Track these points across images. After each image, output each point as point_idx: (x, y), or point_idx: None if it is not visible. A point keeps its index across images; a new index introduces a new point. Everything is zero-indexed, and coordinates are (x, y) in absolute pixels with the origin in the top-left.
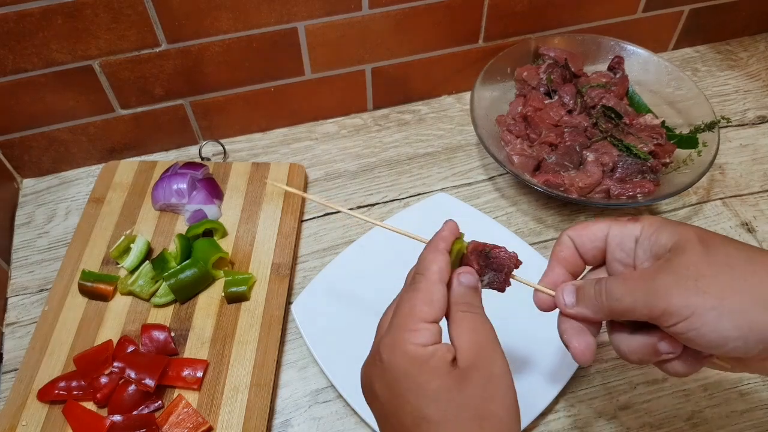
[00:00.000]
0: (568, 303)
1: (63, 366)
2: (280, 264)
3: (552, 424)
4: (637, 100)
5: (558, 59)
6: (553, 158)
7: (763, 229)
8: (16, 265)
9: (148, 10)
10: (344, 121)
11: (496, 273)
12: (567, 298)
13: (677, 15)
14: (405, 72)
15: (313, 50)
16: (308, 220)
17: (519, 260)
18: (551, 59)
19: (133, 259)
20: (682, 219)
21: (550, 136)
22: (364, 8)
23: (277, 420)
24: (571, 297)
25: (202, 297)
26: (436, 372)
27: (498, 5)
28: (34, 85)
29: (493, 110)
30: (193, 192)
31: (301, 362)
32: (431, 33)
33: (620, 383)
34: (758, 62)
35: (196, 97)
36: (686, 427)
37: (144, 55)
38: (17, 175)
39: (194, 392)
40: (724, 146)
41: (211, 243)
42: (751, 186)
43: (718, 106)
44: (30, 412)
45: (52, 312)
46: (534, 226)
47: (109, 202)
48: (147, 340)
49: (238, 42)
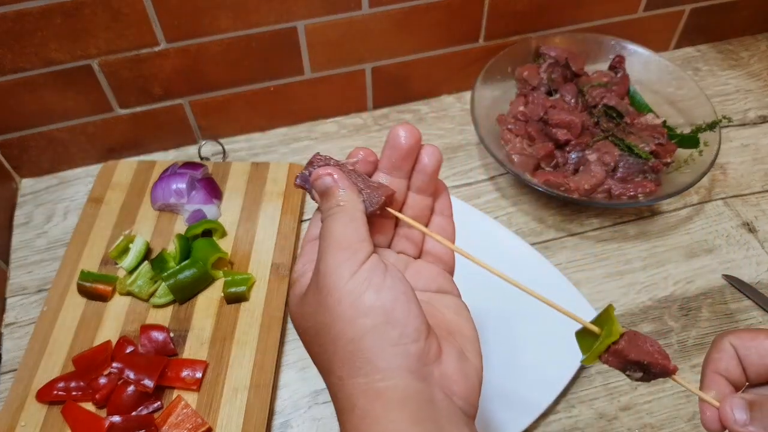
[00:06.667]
0: (740, 420)
1: (62, 366)
2: (279, 264)
3: (553, 425)
4: (638, 100)
5: (559, 58)
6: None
7: (764, 229)
8: (14, 266)
9: (147, 9)
10: (344, 121)
11: (646, 374)
12: (738, 415)
13: (678, 14)
14: (405, 71)
15: (312, 49)
16: (308, 220)
17: (676, 369)
18: (552, 58)
19: (132, 260)
20: (684, 219)
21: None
22: (364, 7)
23: (277, 421)
24: (742, 414)
25: (201, 297)
26: (294, 299)
27: (498, 4)
28: (32, 85)
29: (494, 110)
30: (192, 192)
31: (300, 363)
32: (431, 32)
33: (621, 384)
34: (759, 62)
35: (195, 97)
36: (687, 428)
37: (143, 55)
38: (16, 174)
39: (193, 393)
40: (726, 146)
41: (210, 243)
42: (753, 186)
43: (719, 105)
44: (29, 412)
45: (50, 312)
46: (534, 226)
47: (108, 202)
48: (146, 341)
49: (237, 41)
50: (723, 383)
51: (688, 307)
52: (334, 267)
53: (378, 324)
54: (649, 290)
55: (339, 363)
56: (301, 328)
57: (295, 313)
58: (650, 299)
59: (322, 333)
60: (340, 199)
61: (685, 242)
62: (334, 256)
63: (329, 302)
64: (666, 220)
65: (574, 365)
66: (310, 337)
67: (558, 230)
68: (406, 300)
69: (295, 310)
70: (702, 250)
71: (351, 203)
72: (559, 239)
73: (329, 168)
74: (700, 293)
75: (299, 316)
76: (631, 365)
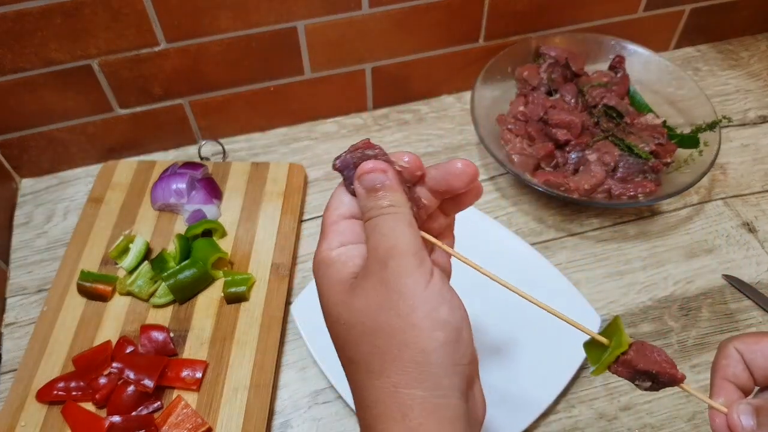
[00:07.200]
0: (746, 426)
1: (62, 366)
2: (279, 264)
3: (553, 425)
4: (638, 100)
5: (559, 58)
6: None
7: (764, 229)
8: (14, 266)
9: (147, 9)
10: (344, 121)
11: (655, 383)
12: (744, 420)
13: (678, 14)
14: (405, 71)
15: (312, 49)
16: (308, 220)
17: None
18: (552, 58)
19: (132, 260)
20: (684, 219)
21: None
22: (364, 7)
23: (277, 421)
24: (749, 419)
25: (201, 297)
26: (333, 282)
27: (498, 4)
28: (32, 85)
29: (494, 110)
30: (192, 192)
31: (300, 363)
32: (431, 32)
33: (621, 384)
34: (759, 62)
35: (195, 97)
36: (687, 428)
37: (143, 55)
38: (16, 174)
39: (193, 393)
40: (726, 146)
41: (210, 243)
42: (753, 186)
43: (719, 105)
44: (29, 412)
45: (50, 312)
46: (535, 226)
47: (108, 202)
48: (146, 341)
49: (237, 41)
50: (732, 389)
51: (688, 307)
52: (408, 271)
53: (450, 341)
54: (649, 290)
55: (398, 370)
56: (345, 321)
57: (341, 302)
58: (650, 299)
59: (384, 335)
60: (393, 201)
61: (685, 242)
62: (407, 260)
63: (401, 306)
64: (666, 220)
65: (574, 365)
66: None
67: (558, 230)
68: (468, 322)
69: (340, 298)
70: (702, 250)
71: (405, 206)
72: (559, 239)
73: (382, 164)
74: (700, 293)
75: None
76: (640, 375)
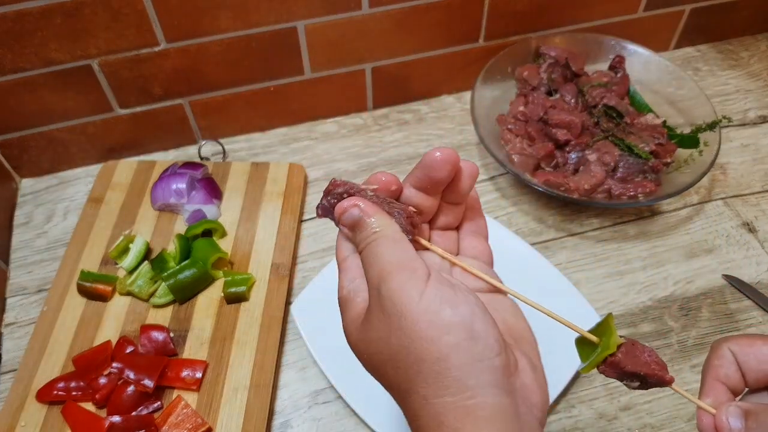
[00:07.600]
0: (734, 428)
1: (62, 366)
2: (279, 264)
3: (553, 425)
4: (638, 100)
5: (559, 58)
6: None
7: (764, 229)
8: (14, 266)
9: (147, 9)
10: (344, 121)
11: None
12: (733, 422)
13: (678, 14)
14: (405, 71)
15: (312, 49)
16: (308, 220)
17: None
18: (552, 58)
19: (132, 260)
20: (684, 219)
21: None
22: (364, 7)
23: (277, 421)
24: (737, 421)
25: (201, 297)
26: (348, 321)
27: (498, 4)
28: (32, 85)
29: (494, 110)
30: (192, 192)
31: (300, 363)
32: (431, 32)
33: (621, 384)
34: (759, 62)
35: (195, 97)
36: (687, 428)
37: (143, 55)
38: (16, 174)
39: (193, 393)
40: (726, 146)
41: (210, 243)
42: (753, 186)
43: (719, 105)
44: (29, 412)
45: (50, 312)
46: (535, 226)
47: (108, 202)
48: (146, 341)
49: (237, 41)
50: (722, 390)
51: (688, 307)
52: (399, 289)
53: (461, 340)
54: (649, 290)
55: (423, 383)
56: (367, 354)
57: (359, 340)
58: (650, 299)
59: (400, 356)
60: (374, 227)
61: (685, 242)
62: (395, 279)
63: (404, 325)
64: (666, 220)
65: (574, 365)
66: (380, 362)
67: (558, 230)
68: (481, 312)
69: (358, 337)
70: (702, 250)
71: (386, 227)
72: (559, 239)
73: (353, 198)
74: (700, 293)
75: (364, 343)
76: (628, 376)
